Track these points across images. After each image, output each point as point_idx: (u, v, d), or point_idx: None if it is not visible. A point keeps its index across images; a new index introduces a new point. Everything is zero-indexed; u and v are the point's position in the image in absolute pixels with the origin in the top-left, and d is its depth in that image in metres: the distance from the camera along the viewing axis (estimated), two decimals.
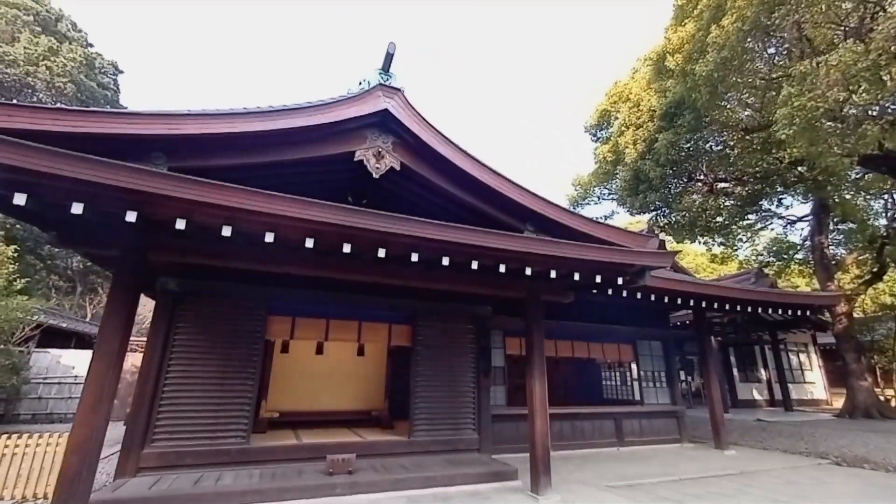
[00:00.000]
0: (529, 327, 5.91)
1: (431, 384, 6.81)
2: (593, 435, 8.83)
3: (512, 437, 7.99)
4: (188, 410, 5.41)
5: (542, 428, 5.48)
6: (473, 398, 7.03)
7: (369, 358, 8.30)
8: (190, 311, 5.75)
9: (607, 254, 4.70)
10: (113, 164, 2.98)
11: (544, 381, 5.70)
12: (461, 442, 6.69)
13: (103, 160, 2.95)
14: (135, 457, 5.02)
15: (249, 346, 5.90)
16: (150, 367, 5.31)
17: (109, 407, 3.85)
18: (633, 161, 13.20)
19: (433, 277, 5.47)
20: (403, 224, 3.84)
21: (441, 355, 7.00)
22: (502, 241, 4.27)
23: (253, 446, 5.58)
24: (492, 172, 5.96)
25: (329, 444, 6.00)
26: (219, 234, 3.48)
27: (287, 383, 7.59)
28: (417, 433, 6.49)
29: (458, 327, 7.28)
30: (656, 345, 10.23)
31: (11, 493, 4.95)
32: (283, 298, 6.25)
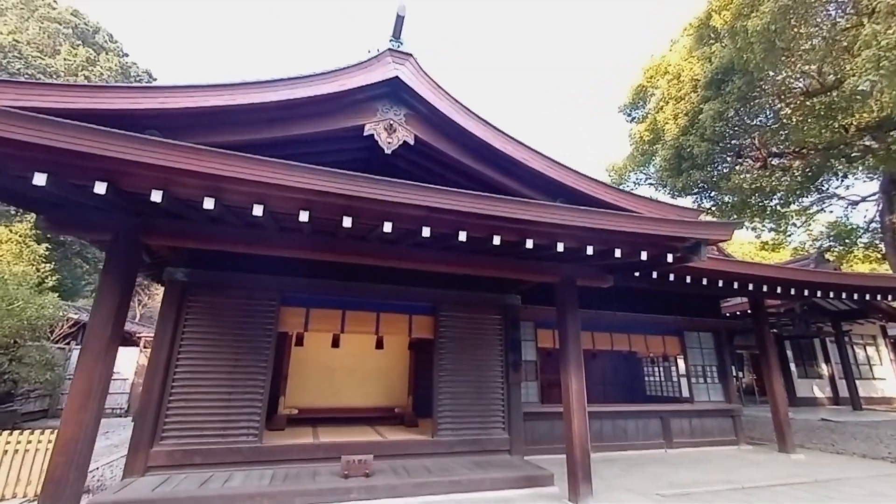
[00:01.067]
0: (563, 316, 5.25)
1: (456, 379, 6.28)
2: (637, 435, 8.04)
3: (546, 436, 7.37)
4: (198, 407, 5.12)
5: (580, 428, 4.83)
6: (502, 395, 6.44)
7: (392, 352, 7.87)
8: (199, 302, 5.46)
9: (655, 225, 3.99)
10: (73, 125, 2.60)
11: (581, 375, 5.04)
12: (490, 442, 6.12)
13: (60, 120, 2.58)
14: (143, 455, 4.77)
15: (261, 338, 5.56)
16: (157, 361, 5.05)
17: (100, 404, 3.54)
18: (673, 138, 12.08)
19: (455, 261, 4.92)
20: (410, 191, 3.30)
21: (466, 348, 6.45)
22: (529, 210, 3.65)
23: (266, 445, 5.24)
24: (516, 143, 5.34)
25: (346, 443, 5.58)
26: (201, 207, 3.06)
27: (306, 379, 7.27)
28: (442, 432, 5.98)
29: (485, 318, 6.70)
30: (706, 336, 9.26)
31: (23, 490, 4.80)
32: (296, 288, 5.88)
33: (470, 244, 4.30)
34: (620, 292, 8.21)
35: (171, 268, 5.39)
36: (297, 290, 5.90)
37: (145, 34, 60.30)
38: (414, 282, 6.39)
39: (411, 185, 3.34)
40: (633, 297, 8.37)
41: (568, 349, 5.09)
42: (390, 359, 7.86)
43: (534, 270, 5.21)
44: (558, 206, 3.77)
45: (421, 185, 3.35)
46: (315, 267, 5.91)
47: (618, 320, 8.33)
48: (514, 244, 4.08)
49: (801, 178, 11.95)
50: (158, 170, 2.83)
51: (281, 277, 5.79)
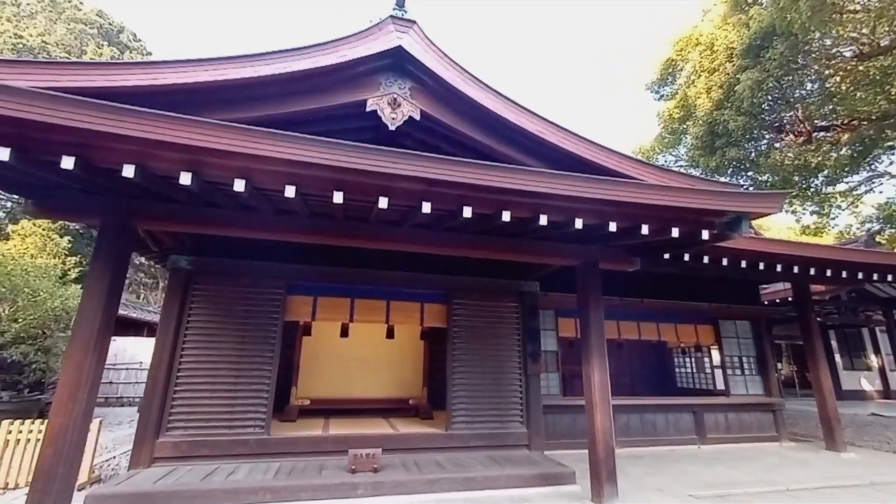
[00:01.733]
0: (585, 302, 4.82)
1: (471, 370, 5.95)
2: (667, 430, 7.54)
3: (568, 431, 6.98)
4: (203, 397, 4.99)
5: (603, 423, 4.43)
6: (520, 386, 6.08)
7: (405, 342, 7.61)
8: (203, 290, 5.31)
9: (688, 196, 3.51)
10: (33, 92, 2.37)
11: (605, 367, 4.62)
12: (507, 436, 5.79)
13: (19, 87, 2.35)
14: (149, 446, 4.67)
15: (267, 328, 5.38)
16: (162, 351, 4.94)
17: (91, 395, 3.39)
18: (706, 113, 11.21)
19: (464, 243, 4.56)
20: (407, 161, 2.95)
21: (482, 338, 6.11)
22: (542, 180, 3.24)
23: (273, 437, 5.07)
24: (531, 114, 4.91)
25: (356, 436, 5.36)
26: (179, 183, 2.81)
27: (318, 369, 7.11)
28: (456, 425, 5.68)
29: (501, 306, 6.33)
30: (744, 325, 8.60)
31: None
32: (302, 276, 5.66)
33: (478, 223, 3.94)
34: (648, 277, 7.65)
35: (174, 255, 5.25)
36: (304, 278, 5.69)
37: (165, 32, 61.74)
38: (426, 268, 6.08)
39: (408, 154, 2.99)
40: (662, 282, 7.79)
41: (590, 338, 4.67)
42: (404, 349, 7.61)
43: (552, 253, 4.79)
44: (576, 176, 3.34)
45: (419, 154, 3.00)
46: (322, 253, 5.68)
47: (645, 308, 7.80)
48: (526, 222, 3.68)
49: (851, 152, 10.88)
50: (128, 141, 2.58)
51: (287, 265, 5.59)
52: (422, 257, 6.07)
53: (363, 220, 4.29)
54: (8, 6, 20.63)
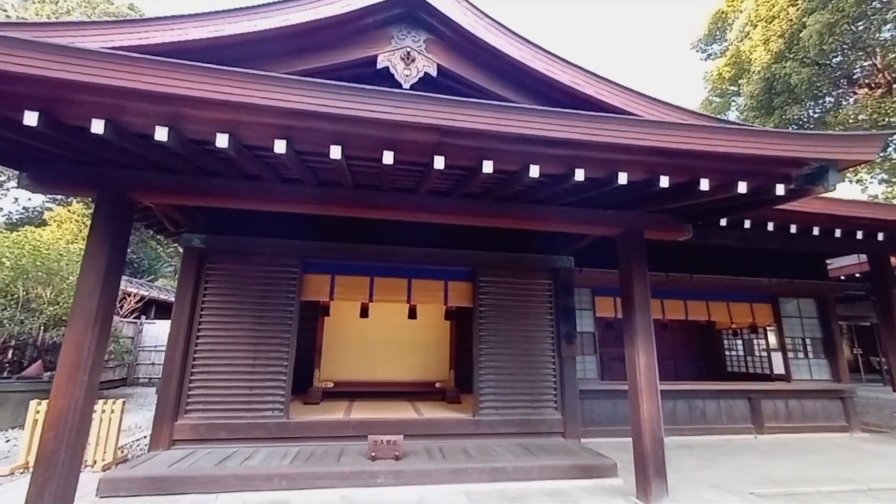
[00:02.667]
0: (627, 278, 4.24)
1: (500, 352, 5.52)
2: (719, 418, 6.87)
3: (607, 417, 6.47)
4: (220, 379, 4.83)
5: (650, 411, 3.90)
6: (554, 370, 5.59)
7: (430, 322, 7.26)
8: (218, 269, 5.12)
9: (762, 140, 2.85)
10: None
11: (652, 349, 4.05)
12: (540, 423, 5.35)
13: None
14: (167, 429, 4.57)
15: (284, 308, 5.14)
16: (178, 331, 4.79)
17: (93, 376, 3.20)
18: (764, 67, 9.96)
19: (489, 211, 4.08)
20: (414, 105, 2.48)
21: (511, 318, 5.64)
22: (577, 124, 2.68)
23: (292, 421, 4.86)
24: (562, 62, 4.29)
25: (378, 420, 5.08)
26: (153, 140, 2.47)
27: (340, 351, 6.90)
28: (484, 411, 5.29)
29: (532, 283, 5.82)
30: (808, 303, 7.68)
31: None
32: (319, 253, 5.36)
33: (502, 185, 3.45)
34: (698, 250, 6.93)
35: (187, 234, 5.06)
36: (320, 255, 5.39)
37: None
38: (449, 243, 5.65)
39: (415, 96, 2.51)
40: (714, 255, 7.02)
41: (634, 318, 4.11)
42: (428, 330, 7.26)
43: (587, 220, 4.22)
44: (621, 119, 2.77)
45: (428, 96, 2.52)
46: (338, 229, 5.36)
47: (694, 285, 7.05)
48: (559, 180, 3.15)
49: None
50: (94, 91, 2.26)
51: (302, 241, 5.30)
52: (445, 232, 5.64)
53: (375, 189, 3.88)
54: (47, 4, 21.42)
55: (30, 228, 8.98)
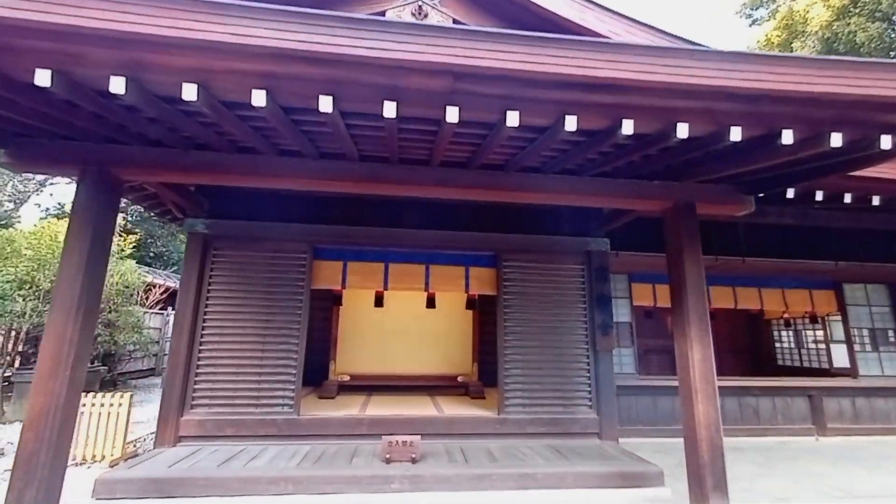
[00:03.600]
0: (677, 259, 3.65)
1: (527, 345, 5.02)
2: (774, 417, 6.17)
3: (647, 416, 5.89)
4: (226, 373, 4.54)
5: (708, 415, 3.32)
6: (588, 364, 5.05)
7: (451, 312, 6.80)
8: (223, 256, 4.81)
9: (869, 76, 2.21)
10: None
11: (708, 341, 3.46)
12: (573, 423, 4.83)
13: None
14: (173, 425, 4.31)
15: (293, 297, 4.79)
16: (182, 322, 4.52)
17: (76, 371, 2.91)
18: (823, 27, 8.87)
19: (514, 184, 3.55)
20: (422, 41, 1.97)
21: (539, 306, 5.12)
22: (627, 59, 2.11)
23: (303, 418, 4.53)
24: (600, 9, 3.67)
25: (394, 418, 4.69)
26: (109, 94, 2.08)
27: (356, 343, 6.55)
28: (510, 409, 4.82)
29: (563, 269, 5.27)
30: (878, 290, 6.80)
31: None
32: (329, 237, 4.97)
33: (527, 151, 2.91)
34: (750, 230, 6.19)
35: (190, 219, 4.76)
36: (331, 240, 5.00)
37: None
38: (470, 225, 5.17)
39: (421, 27, 2.02)
40: (769, 236, 6.26)
41: (686, 305, 3.51)
42: (449, 320, 6.82)
43: (630, 194, 3.63)
44: (680, 51, 2.19)
45: (437, 25, 2.02)
46: (350, 211, 4.98)
47: (745, 270, 6.31)
48: (599, 139, 2.60)
49: None
50: (29, 33, 1.87)
51: (311, 225, 4.93)
52: (465, 212, 5.16)
53: (383, 161, 3.42)
54: None
55: (50, 220, 9.01)
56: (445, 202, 5.19)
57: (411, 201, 5.18)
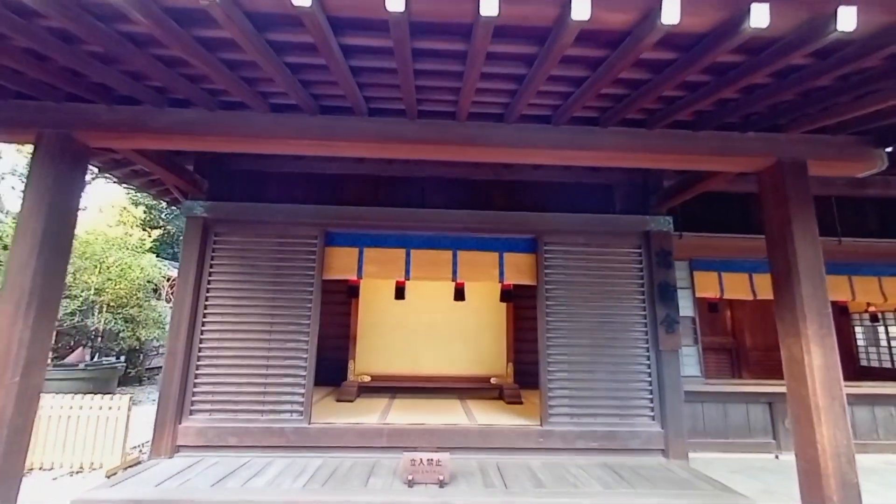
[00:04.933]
0: (784, 234, 2.78)
1: (574, 343, 4.24)
2: (874, 431, 5.15)
3: (714, 427, 5.03)
4: (228, 374, 4.01)
5: (836, 442, 2.46)
6: (648, 366, 4.22)
7: (482, 305, 6.05)
8: (224, 243, 4.27)
9: None
10: None
11: (832, 342, 2.59)
12: (632, 437, 4.03)
13: None
14: (170, 433, 3.81)
15: (302, 289, 4.20)
16: (180, 318, 4.01)
17: (30, 377, 2.39)
18: None
19: (565, 141, 2.78)
20: None
21: (588, 298, 4.33)
22: None
23: (313, 426, 3.94)
24: None
25: (419, 429, 4.03)
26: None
27: (379, 340, 5.92)
28: (555, 419, 4.07)
29: (616, 253, 4.44)
30: None
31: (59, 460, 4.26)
32: (342, 220, 4.35)
33: (587, 89, 2.15)
34: (845, 204, 5.15)
35: (188, 201, 4.24)
36: (345, 223, 4.37)
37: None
38: (504, 203, 4.45)
39: None
40: (868, 211, 5.19)
41: (797, 296, 2.65)
42: (480, 314, 6.08)
43: (715, 149, 2.80)
44: None
45: None
46: (366, 190, 4.37)
47: (839, 253, 5.25)
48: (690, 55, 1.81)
49: None
50: None
51: (322, 207, 4.32)
52: (498, 188, 4.44)
53: (399, 116, 2.73)
54: None
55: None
56: (475, 179, 4.48)
57: (435, 178, 4.50)
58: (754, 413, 5.14)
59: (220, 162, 4.38)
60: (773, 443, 5.06)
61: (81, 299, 7.21)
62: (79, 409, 4.42)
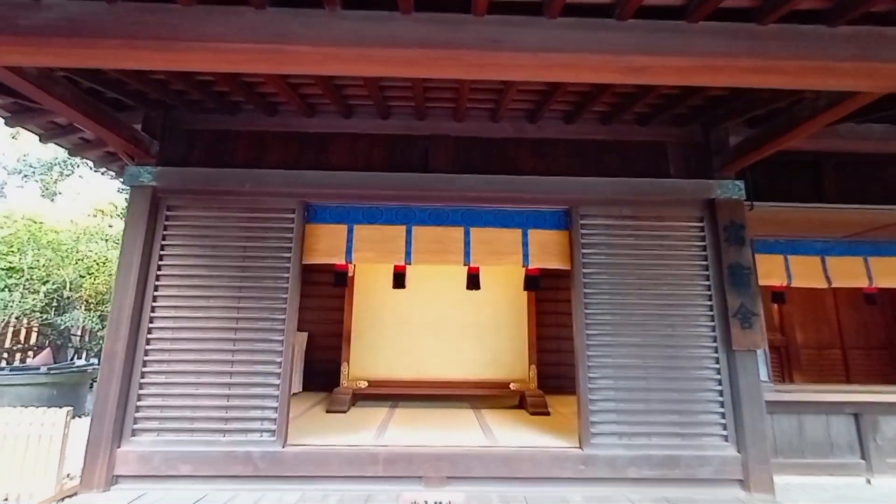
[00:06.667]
0: None
1: (620, 341, 3.33)
2: None
3: (788, 444, 4.10)
4: (182, 384, 3.17)
5: None
6: (717, 371, 3.29)
7: (501, 296, 5.06)
8: (179, 220, 3.42)
9: None
10: None
11: None
12: (700, 464, 3.11)
13: None
14: (105, 459, 2.98)
15: (275, 276, 3.34)
16: (121, 311, 3.17)
17: None
18: None
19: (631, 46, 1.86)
20: None
21: (636, 285, 3.41)
22: None
23: (289, 450, 3.08)
24: None
25: (423, 452, 3.14)
26: None
27: (377, 339, 4.99)
28: (599, 438, 3.16)
29: (672, 228, 3.52)
30: None
31: None
32: (327, 189, 3.47)
33: None
34: None
35: (133, 167, 3.39)
36: (329, 194, 3.50)
37: None
38: (529, 164, 3.54)
39: None
40: None
41: None
42: (497, 307, 5.11)
43: (864, 51, 1.85)
44: None
45: None
46: (356, 152, 3.52)
47: None
48: None
49: None
50: None
51: (301, 173, 3.45)
52: (520, 146, 3.55)
53: (390, 7, 1.83)
54: None
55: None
56: (491, 137, 3.58)
57: (442, 137, 3.61)
58: (837, 426, 4.18)
59: (174, 118, 3.54)
60: (863, 463, 4.10)
61: (45, 293, 6.45)
62: (4, 426, 3.60)
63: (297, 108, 3.44)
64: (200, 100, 3.37)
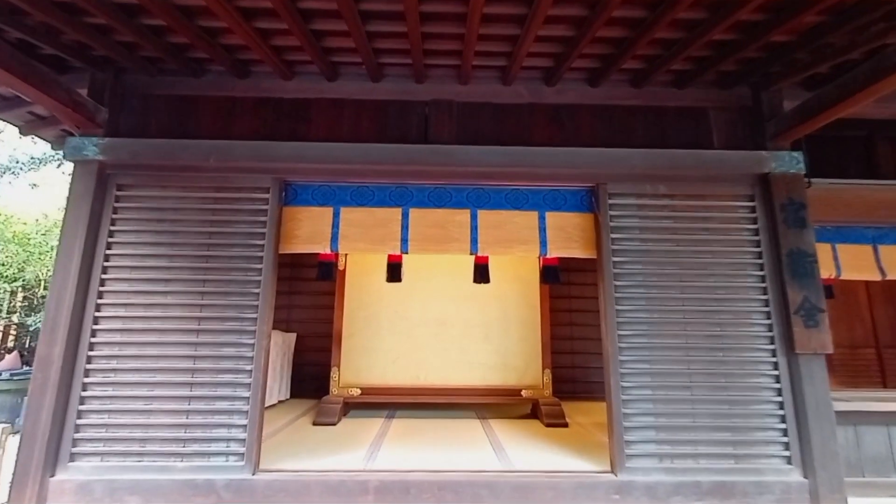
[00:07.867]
0: None
1: (657, 343, 2.78)
2: None
3: (845, 461, 3.51)
4: (131, 398, 2.63)
5: None
6: (777, 379, 2.75)
7: (512, 290, 4.43)
8: (131, 200, 2.88)
9: None
10: None
11: None
12: (759, 491, 2.56)
13: None
14: (34, 489, 2.44)
15: (245, 268, 2.80)
16: (58, 310, 2.63)
17: None
18: None
19: None
20: None
21: (677, 276, 2.86)
22: None
23: (260, 477, 2.54)
24: None
25: (422, 478, 2.59)
26: None
27: (372, 340, 4.40)
28: (636, 461, 2.62)
29: (717, 208, 2.97)
30: None
31: None
32: (307, 164, 2.93)
33: None
34: None
35: (75, 138, 2.85)
36: (311, 170, 2.96)
37: None
38: (547, 134, 3.00)
39: None
40: None
41: None
42: (506, 302, 4.52)
43: None
44: None
45: None
46: (342, 120, 2.98)
47: None
48: None
49: None
50: None
51: (277, 144, 2.91)
52: (536, 113, 3.01)
53: None
54: None
55: None
56: (502, 103, 3.04)
57: (444, 102, 3.06)
58: None
59: (127, 82, 3.00)
60: None
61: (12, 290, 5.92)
62: None
63: (273, 68, 2.90)
64: (157, 57, 2.84)
